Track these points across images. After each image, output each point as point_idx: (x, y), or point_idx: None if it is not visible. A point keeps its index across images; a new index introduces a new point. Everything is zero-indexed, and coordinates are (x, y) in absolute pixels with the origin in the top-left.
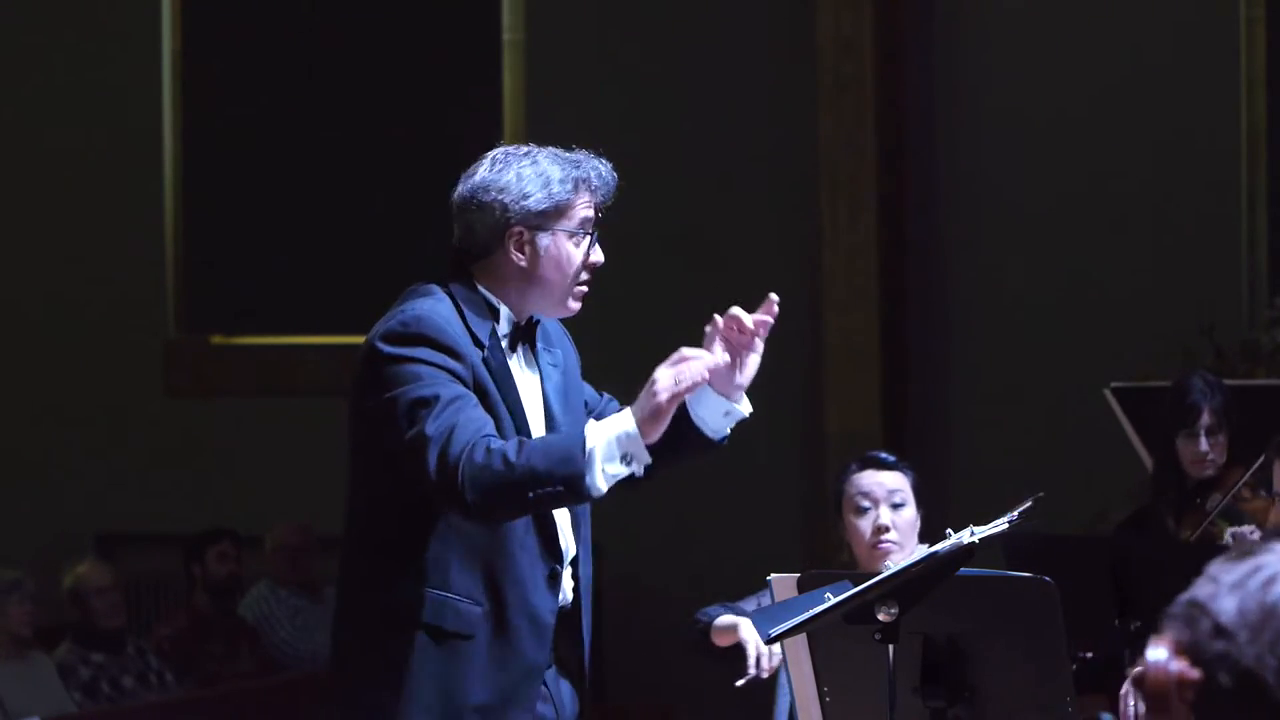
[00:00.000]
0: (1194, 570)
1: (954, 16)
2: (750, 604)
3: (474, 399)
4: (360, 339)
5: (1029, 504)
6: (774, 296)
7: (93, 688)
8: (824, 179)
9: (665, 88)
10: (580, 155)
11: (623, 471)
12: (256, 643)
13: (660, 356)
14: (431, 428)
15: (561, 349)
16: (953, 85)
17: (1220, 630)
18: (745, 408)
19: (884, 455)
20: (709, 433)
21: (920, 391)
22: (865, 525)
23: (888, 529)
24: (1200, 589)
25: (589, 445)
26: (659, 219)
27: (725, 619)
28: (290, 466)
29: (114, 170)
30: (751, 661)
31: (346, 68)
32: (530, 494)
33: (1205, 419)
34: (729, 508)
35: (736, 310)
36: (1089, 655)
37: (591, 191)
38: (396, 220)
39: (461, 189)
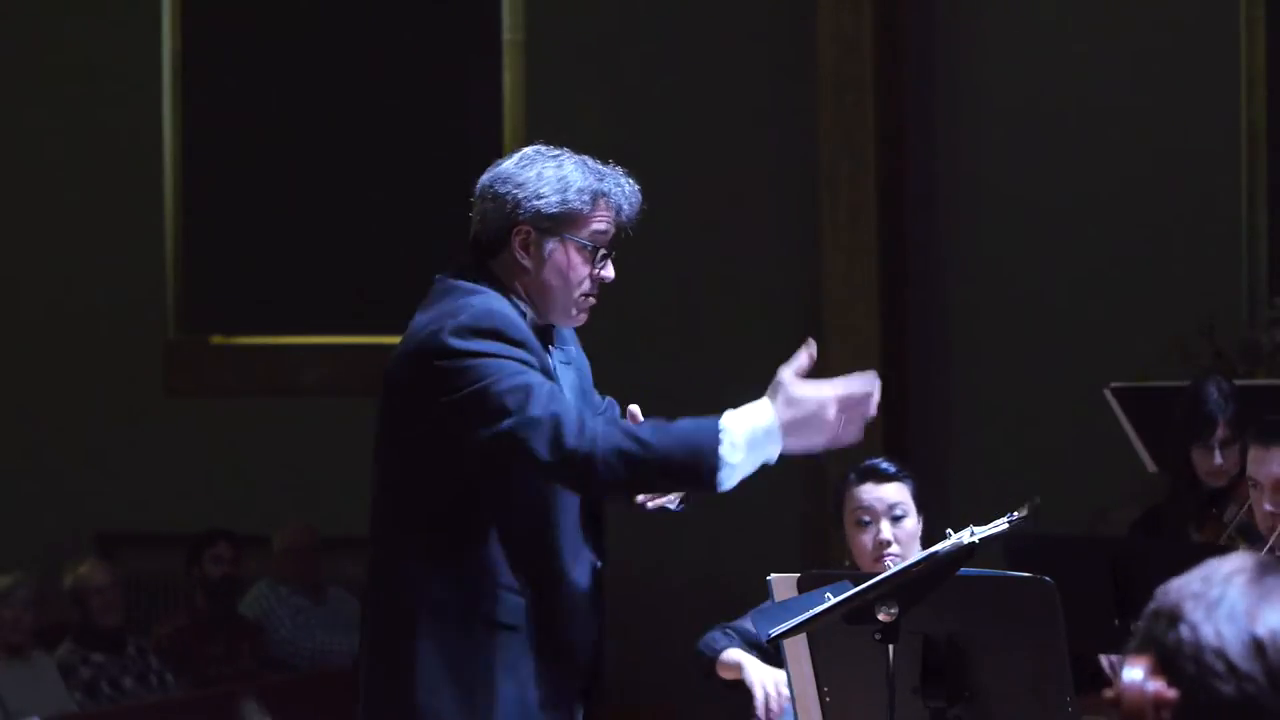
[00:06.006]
0: None
1: (954, 16)
2: (748, 622)
3: (559, 386)
4: (359, 339)
5: (1025, 512)
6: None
7: (93, 688)
8: (824, 179)
9: (665, 88)
10: (608, 169)
11: (754, 467)
12: (257, 642)
13: (657, 355)
14: (538, 410)
15: (573, 346)
16: (953, 85)
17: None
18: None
19: (884, 465)
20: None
21: (920, 391)
22: (867, 540)
23: (889, 543)
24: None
25: (725, 439)
26: (658, 219)
27: (729, 655)
28: (290, 466)
29: (114, 171)
30: (760, 707)
31: (347, 68)
32: (662, 479)
33: (1220, 432)
34: (729, 507)
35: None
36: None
37: (611, 208)
38: (397, 220)
39: (484, 177)
